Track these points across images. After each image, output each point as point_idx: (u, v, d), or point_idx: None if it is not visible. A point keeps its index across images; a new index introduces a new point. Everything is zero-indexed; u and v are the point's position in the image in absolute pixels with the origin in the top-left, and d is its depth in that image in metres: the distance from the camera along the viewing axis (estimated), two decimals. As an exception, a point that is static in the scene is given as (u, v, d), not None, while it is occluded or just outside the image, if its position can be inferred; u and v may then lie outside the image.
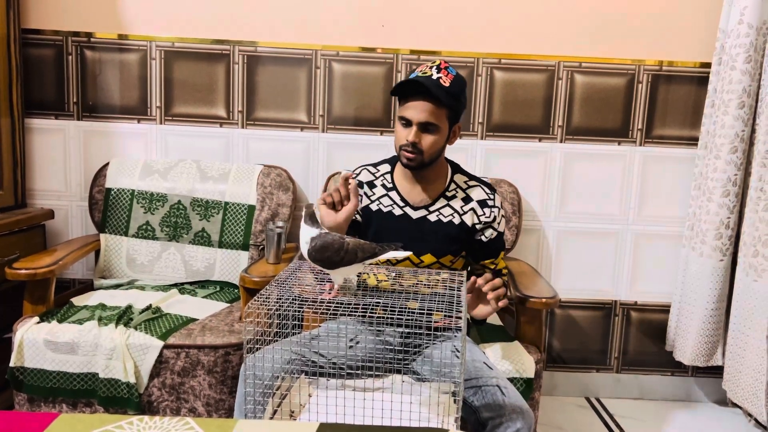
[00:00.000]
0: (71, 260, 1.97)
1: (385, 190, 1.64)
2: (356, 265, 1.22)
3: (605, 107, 2.35)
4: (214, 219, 2.19)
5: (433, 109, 1.50)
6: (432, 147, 1.53)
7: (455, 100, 1.52)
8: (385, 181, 1.65)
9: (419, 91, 1.49)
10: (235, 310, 1.96)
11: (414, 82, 1.49)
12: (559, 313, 2.46)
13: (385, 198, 1.63)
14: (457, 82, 1.52)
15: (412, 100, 1.51)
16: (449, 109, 1.52)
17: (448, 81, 1.50)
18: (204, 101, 2.33)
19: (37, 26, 2.28)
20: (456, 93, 1.52)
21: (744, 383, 2.11)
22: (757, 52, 2.09)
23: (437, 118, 1.51)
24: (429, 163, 1.56)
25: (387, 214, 1.62)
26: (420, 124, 1.50)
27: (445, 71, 1.51)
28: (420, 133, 1.51)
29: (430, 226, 1.60)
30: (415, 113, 1.50)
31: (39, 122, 2.33)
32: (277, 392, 1.28)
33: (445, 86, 1.49)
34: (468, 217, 1.61)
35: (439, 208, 1.61)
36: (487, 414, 1.33)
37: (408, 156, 1.53)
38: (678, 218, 2.39)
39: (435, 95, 1.47)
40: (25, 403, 1.76)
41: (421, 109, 1.50)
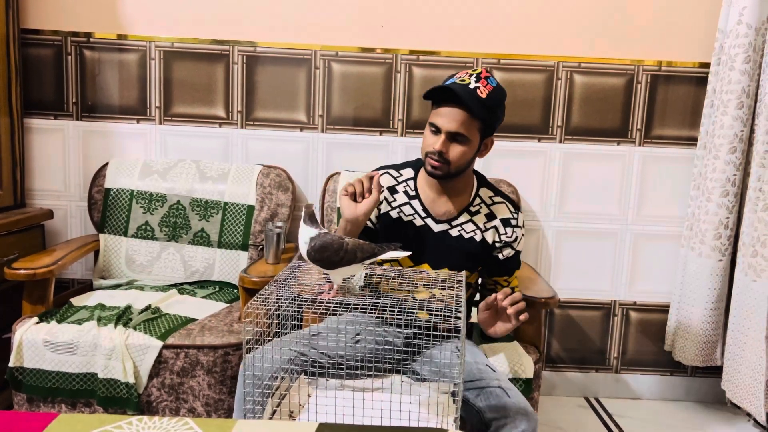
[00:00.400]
0: (70, 260, 1.97)
1: (407, 197, 1.57)
2: (356, 265, 1.22)
3: (604, 107, 2.35)
4: (214, 219, 2.19)
5: (465, 120, 1.42)
6: (460, 159, 1.46)
7: (490, 113, 1.45)
8: (408, 188, 1.58)
9: (453, 99, 1.42)
10: (234, 310, 1.96)
11: (449, 89, 1.42)
12: (559, 313, 2.47)
13: (407, 206, 1.57)
14: (495, 93, 1.44)
15: (444, 107, 1.44)
16: (482, 121, 1.45)
17: (485, 92, 1.42)
18: (203, 101, 2.33)
19: (37, 26, 2.28)
20: (492, 106, 1.44)
21: (743, 383, 2.11)
22: (756, 52, 2.10)
23: (468, 130, 1.44)
24: (455, 175, 1.50)
25: (408, 223, 1.56)
26: (449, 133, 1.44)
27: (485, 81, 1.43)
28: (448, 143, 1.45)
29: (452, 241, 1.56)
30: (445, 122, 1.43)
31: (38, 122, 2.32)
32: (276, 392, 1.28)
33: (482, 97, 1.41)
34: (489, 234, 1.57)
35: (462, 223, 1.56)
36: (492, 415, 1.34)
37: (433, 164, 1.47)
38: (677, 218, 2.40)
39: (469, 106, 1.40)
40: (24, 404, 1.76)
41: (452, 118, 1.43)
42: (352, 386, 1.33)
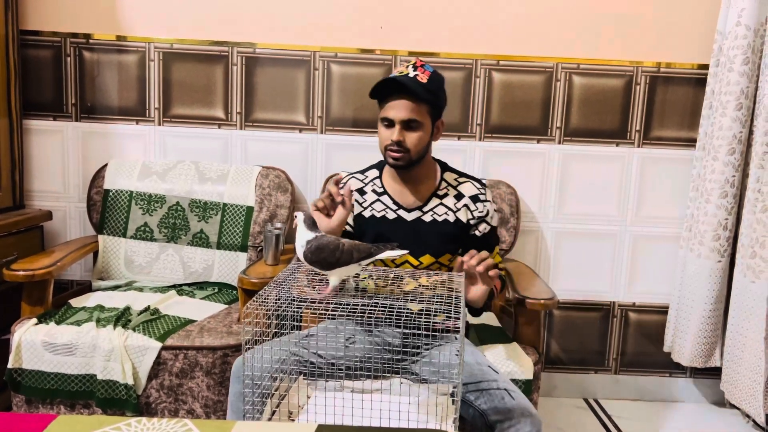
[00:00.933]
0: (69, 261, 1.97)
1: (376, 195, 1.64)
2: (353, 265, 1.22)
3: (603, 109, 2.35)
4: (213, 220, 2.19)
5: (414, 106, 1.51)
6: (418, 144, 1.54)
7: (434, 96, 1.53)
8: (375, 186, 1.65)
9: (398, 90, 1.51)
10: (233, 312, 1.96)
11: (392, 81, 1.50)
12: (558, 315, 2.47)
13: (377, 203, 1.63)
14: (434, 77, 1.54)
15: (392, 100, 1.52)
16: (429, 104, 1.54)
17: (425, 78, 1.51)
18: (202, 102, 2.33)
19: (36, 27, 2.28)
20: (434, 89, 1.53)
21: (742, 384, 2.11)
22: (754, 53, 2.10)
23: (419, 115, 1.52)
24: (417, 161, 1.57)
25: (381, 219, 1.62)
26: (403, 122, 1.52)
27: (422, 69, 1.53)
28: (404, 132, 1.52)
29: (426, 226, 1.61)
30: (396, 112, 1.52)
31: (37, 123, 2.32)
32: (275, 393, 1.28)
33: (423, 83, 1.50)
34: (462, 213, 1.62)
35: (432, 208, 1.62)
36: (495, 417, 1.34)
37: (394, 155, 1.54)
38: (676, 219, 2.40)
39: (414, 91, 1.49)
40: (23, 405, 1.76)
41: (402, 107, 1.51)
42: (352, 387, 1.33)
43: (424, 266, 1.60)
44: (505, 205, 2.23)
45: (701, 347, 2.27)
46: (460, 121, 2.34)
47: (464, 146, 2.35)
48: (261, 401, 1.22)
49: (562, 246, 2.42)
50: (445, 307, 1.15)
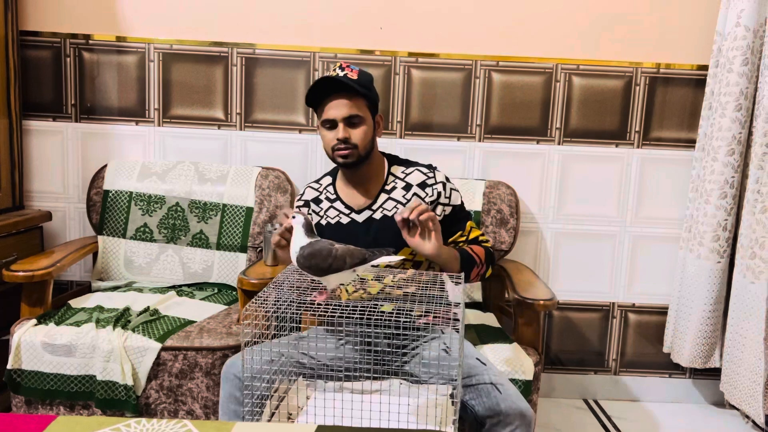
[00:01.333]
0: (69, 262, 1.97)
1: (329, 202, 1.65)
2: (347, 272, 1.21)
3: (603, 109, 2.35)
4: (212, 221, 2.19)
5: (352, 103, 1.54)
6: (364, 139, 1.56)
7: (368, 89, 1.56)
8: (328, 193, 1.67)
9: (333, 90, 1.54)
10: (233, 312, 1.96)
11: (326, 81, 1.52)
12: (557, 315, 2.47)
13: (331, 210, 1.64)
14: (363, 74, 1.57)
15: (330, 101, 1.54)
16: (366, 98, 1.56)
17: (355, 74, 1.54)
18: (202, 103, 2.33)
19: (35, 28, 2.28)
20: (366, 83, 1.56)
21: (741, 385, 2.11)
22: (753, 54, 2.10)
23: (359, 110, 1.55)
24: (365, 157, 1.58)
25: (336, 225, 1.62)
26: (345, 119, 1.54)
27: (349, 68, 1.56)
28: (347, 129, 1.54)
29: (378, 224, 1.59)
30: (336, 111, 1.54)
31: (37, 124, 2.32)
32: (274, 395, 1.28)
33: (354, 78, 1.53)
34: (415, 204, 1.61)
35: (381, 204, 1.61)
36: (484, 413, 1.32)
37: (343, 154, 1.55)
38: (675, 220, 2.40)
39: (350, 87, 1.52)
40: (23, 406, 1.76)
41: (341, 105, 1.54)
42: (351, 388, 1.33)
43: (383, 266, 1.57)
44: (504, 206, 2.23)
45: (701, 348, 2.27)
46: (460, 122, 2.34)
47: (464, 147, 2.35)
48: (259, 402, 1.22)
49: (562, 247, 2.42)
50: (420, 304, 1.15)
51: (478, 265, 1.57)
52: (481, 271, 1.58)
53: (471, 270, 1.55)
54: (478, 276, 1.58)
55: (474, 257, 1.56)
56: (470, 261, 1.55)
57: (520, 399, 1.35)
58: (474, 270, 1.56)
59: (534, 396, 1.69)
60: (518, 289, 1.84)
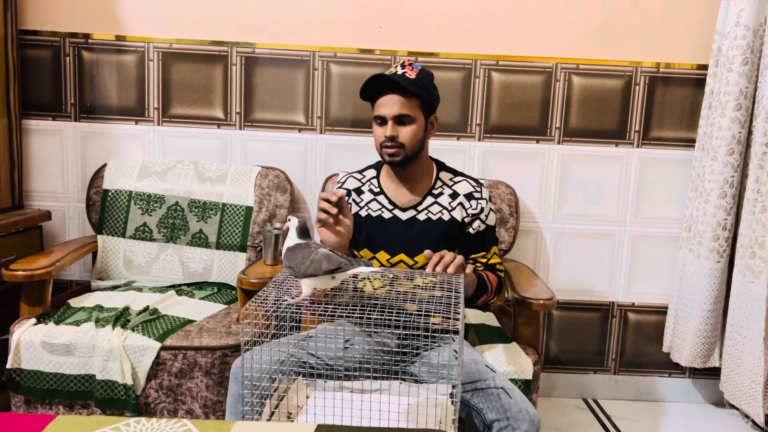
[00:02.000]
0: (68, 262, 1.97)
1: (372, 194, 1.65)
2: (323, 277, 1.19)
3: (602, 109, 2.35)
4: (212, 220, 2.19)
5: (404, 101, 1.53)
6: (412, 139, 1.55)
7: (423, 90, 1.55)
8: (372, 185, 1.66)
9: (387, 87, 1.54)
10: (232, 312, 1.96)
11: (380, 78, 1.52)
12: (557, 315, 2.47)
13: (374, 203, 1.64)
14: (423, 73, 1.56)
15: (382, 98, 1.54)
16: (420, 99, 1.55)
17: (413, 74, 1.54)
18: (202, 102, 2.33)
19: (35, 27, 2.28)
20: (423, 83, 1.55)
21: (741, 384, 2.11)
22: (753, 54, 2.10)
23: (410, 109, 1.54)
24: (412, 157, 1.57)
25: (377, 218, 1.62)
26: (395, 117, 1.53)
27: (410, 67, 1.55)
28: (396, 127, 1.54)
29: (421, 225, 1.61)
30: (387, 109, 1.54)
31: (36, 123, 2.32)
32: (274, 394, 1.28)
33: (412, 78, 1.53)
34: (457, 212, 1.62)
35: (427, 207, 1.62)
36: (493, 416, 1.33)
37: (389, 152, 1.55)
38: (675, 220, 2.40)
39: (402, 86, 1.51)
40: (22, 405, 1.75)
41: (392, 103, 1.53)
42: (351, 388, 1.33)
43: (419, 265, 1.59)
44: (504, 206, 2.23)
45: (700, 347, 2.27)
46: (460, 121, 2.34)
47: (463, 146, 2.35)
48: (260, 402, 1.22)
49: (562, 246, 2.42)
50: (443, 308, 1.15)
51: (488, 293, 1.61)
52: (489, 298, 1.63)
53: (481, 296, 1.59)
54: (485, 302, 1.64)
55: (487, 285, 1.59)
56: (483, 288, 1.58)
57: (529, 404, 1.37)
58: (483, 297, 1.60)
59: (533, 395, 1.69)
60: (518, 289, 1.84)
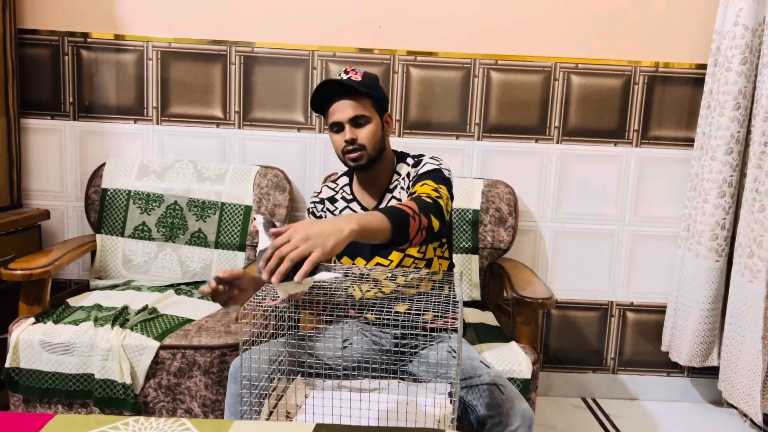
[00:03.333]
0: (67, 261, 1.97)
1: (345, 202, 1.65)
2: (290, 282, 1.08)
3: (601, 108, 2.35)
4: (211, 219, 2.19)
5: (356, 103, 1.53)
6: (371, 138, 1.54)
7: (372, 89, 1.55)
8: (345, 193, 1.66)
9: (336, 93, 1.53)
10: (231, 311, 1.95)
11: (329, 85, 1.52)
12: (556, 314, 2.47)
13: (346, 210, 1.64)
14: (367, 75, 1.56)
15: (334, 104, 1.54)
16: (370, 98, 1.55)
17: (359, 77, 1.54)
18: (200, 102, 2.33)
19: (33, 26, 2.27)
20: (370, 83, 1.56)
21: (739, 384, 2.11)
22: (752, 53, 2.10)
23: (364, 110, 1.53)
24: (376, 157, 1.56)
25: None
26: (350, 120, 1.53)
27: (353, 71, 1.55)
28: (354, 130, 1.54)
29: None
30: (341, 114, 1.53)
31: (35, 122, 2.32)
32: (273, 393, 1.28)
33: (358, 80, 1.53)
34: (403, 196, 1.59)
35: (386, 204, 1.61)
36: (486, 413, 1.33)
37: (353, 156, 1.54)
38: (674, 219, 2.40)
39: (351, 87, 1.51)
40: (21, 404, 1.75)
41: (344, 106, 1.53)
42: (349, 387, 1.33)
43: (396, 263, 1.57)
44: (503, 205, 2.23)
45: (699, 347, 2.27)
46: (459, 120, 2.34)
47: (462, 146, 2.35)
48: (259, 401, 1.22)
49: (561, 245, 2.42)
50: (434, 306, 1.14)
51: (414, 217, 1.26)
52: (421, 224, 1.28)
53: (407, 226, 1.25)
54: (422, 231, 1.29)
55: (404, 209, 1.26)
56: (400, 216, 1.24)
57: (522, 400, 1.36)
58: (411, 224, 1.25)
59: (532, 395, 1.69)
60: (517, 288, 1.84)
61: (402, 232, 1.23)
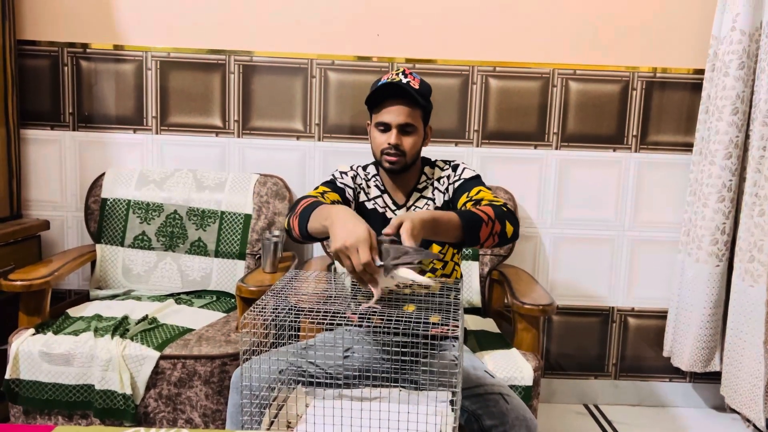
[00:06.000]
0: (67, 271, 1.97)
1: (379, 191, 1.66)
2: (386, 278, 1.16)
3: (600, 114, 2.36)
4: (211, 228, 2.19)
5: (410, 111, 1.54)
6: (413, 148, 1.57)
7: (426, 101, 1.57)
8: (378, 182, 1.68)
9: (395, 95, 1.54)
10: (231, 320, 1.95)
11: (389, 86, 1.53)
12: (557, 320, 2.46)
13: (380, 199, 1.65)
14: (424, 83, 1.59)
15: (389, 105, 1.55)
16: (422, 109, 1.57)
17: (417, 84, 1.55)
18: (200, 111, 2.33)
19: (33, 37, 2.28)
20: (426, 94, 1.58)
21: (742, 389, 2.11)
22: (749, 58, 2.11)
23: (414, 119, 1.55)
24: (410, 165, 1.59)
25: (382, 215, 1.64)
26: (399, 126, 1.54)
27: (411, 76, 1.57)
28: (400, 136, 1.55)
29: None
30: (393, 117, 1.54)
31: (34, 133, 2.32)
32: (273, 403, 1.28)
33: (417, 88, 1.54)
34: (439, 198, 1.63)
35: (414, 203, 1.64)
36: (491, 422, 1.33)
37: (391, 159, 1.56)
38: (674, 224, 2.40)
39: (411, 96, 1.52)
40: (21, 416, 1.75)
41: (399, 111, 1.54)
42: (350, 396, 1.33)
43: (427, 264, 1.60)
44: (503, 211, 2.23)
45: (700, 352, 2.26)
46: (457, 127, 2.34)
47: (461, 152, 2.35)
48: (259, 411, 1.21)
49: (561, 251, 2.42)
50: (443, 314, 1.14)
51: (486, 222, 1.32)
52: (493, 229, 1.34)
53: (478, 229, 1.31)
54: (493, 236, 1.34)
55: (478, 213, 1.33)
56: (474, 220, 1.30)
57: (526, 410, 1.36)
58: (483, 229, 1.31)
59: (534, 401, 1.69)
60: (517, 295, 1.84)
61: (473, 234, 1.30)
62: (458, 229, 1.29)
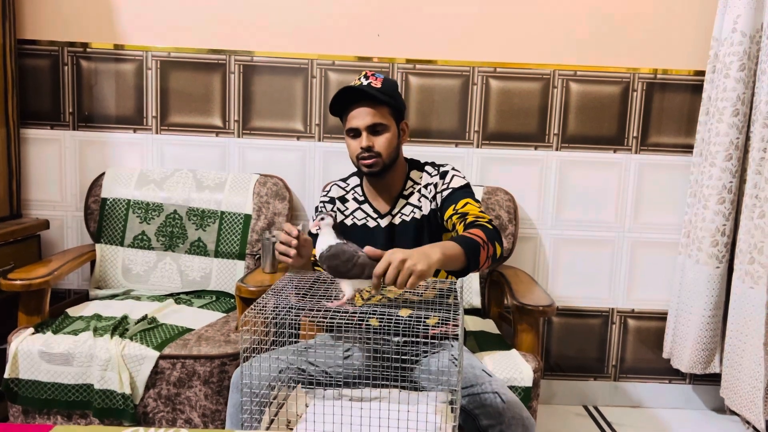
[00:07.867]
0: (66, 271, 1.97)
1: (357, 203, 1.66)
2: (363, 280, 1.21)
3: (600, 115, 2.36)
4: (210, 228, 2.19)
5: (375, 111, 1.54)
6: (387, 147, 1.56)
7: (391, 97, 1.56)
8: (356, 194, 1.67)
9: (356, 99, 1.54)
10: (231, 320, 1.95)
11: (349, 91, 1.53)
12: (557, 321, 2.46)
13: (358, 211, 1.64)
14: (387, 82, 1.57)
15: (353, 110, 1.55)
16: (389, 106, 1.57)
17: (378, 83, 1.55)
18: (200, 111, 2.33)
19: (33, 37, 2.28)
20: (390, 91, 1.57)
21: (742, 391, 2.11)
22: (750, 60, 2.11)
23: (382, 118, 1.55)
24: (390, 165, 1.58)
25: (362, 227, 1.63)
26: (368, 127, 1.54)
27: (374, 77, 1.57)
28: (371, 137, 1.55)
29: (398, 230, 1.61)
30: (359, 120, 1.55)
31: (34, 132, 2.32)
32: (273, 402, 1.27)
33: (378, 87, 1.54)
34: (426, 206, 1.61)
35: (400, 210, 1.62)
36: (487, 421, 1.33)
37: (367, 163, 1.56)
38: (674, 225, 2.40)
39: (371, 96, 1.52)
40: (20, 415, 1.74)
41: (364, 114, 1.54)
42: (350, 396, 1.32)
43: None
44: (503, 212, 2.23)
45: (700, 353, 2.26)
46: (458, 128, 2.34)
47: (462, 153, 2.35)
48: (259, 411, 1.21)
49: (561, 253, 2.42)
50: (436, 312, 1.14)
51: (483, 246, 1.36)
52: (489, 252, 1.38)
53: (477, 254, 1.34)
54: (489, 259, 1.38)
55: (475, 239, 1.35)
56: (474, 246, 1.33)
57: (523, 409, 1.36)
58: (482, 254, 1.35)
59: (534, 403, 1.68)
60: (517, 296, 1.83)
61: (475, 260, 1.32)
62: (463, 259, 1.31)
